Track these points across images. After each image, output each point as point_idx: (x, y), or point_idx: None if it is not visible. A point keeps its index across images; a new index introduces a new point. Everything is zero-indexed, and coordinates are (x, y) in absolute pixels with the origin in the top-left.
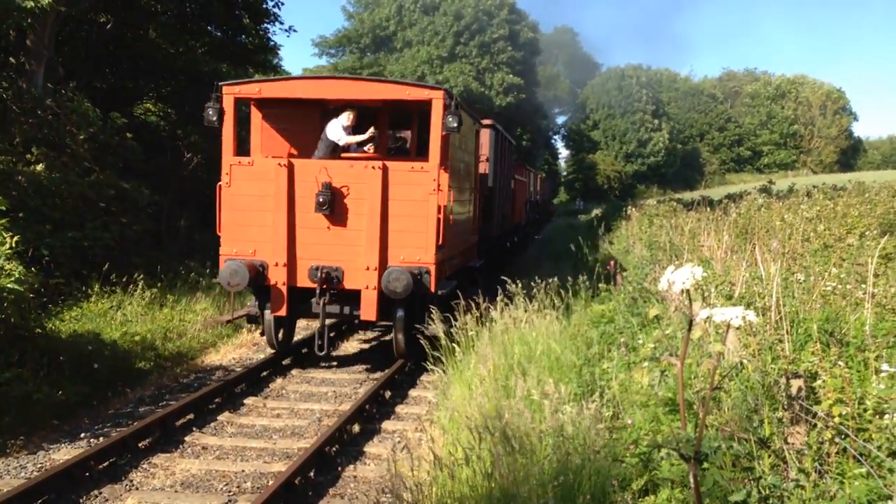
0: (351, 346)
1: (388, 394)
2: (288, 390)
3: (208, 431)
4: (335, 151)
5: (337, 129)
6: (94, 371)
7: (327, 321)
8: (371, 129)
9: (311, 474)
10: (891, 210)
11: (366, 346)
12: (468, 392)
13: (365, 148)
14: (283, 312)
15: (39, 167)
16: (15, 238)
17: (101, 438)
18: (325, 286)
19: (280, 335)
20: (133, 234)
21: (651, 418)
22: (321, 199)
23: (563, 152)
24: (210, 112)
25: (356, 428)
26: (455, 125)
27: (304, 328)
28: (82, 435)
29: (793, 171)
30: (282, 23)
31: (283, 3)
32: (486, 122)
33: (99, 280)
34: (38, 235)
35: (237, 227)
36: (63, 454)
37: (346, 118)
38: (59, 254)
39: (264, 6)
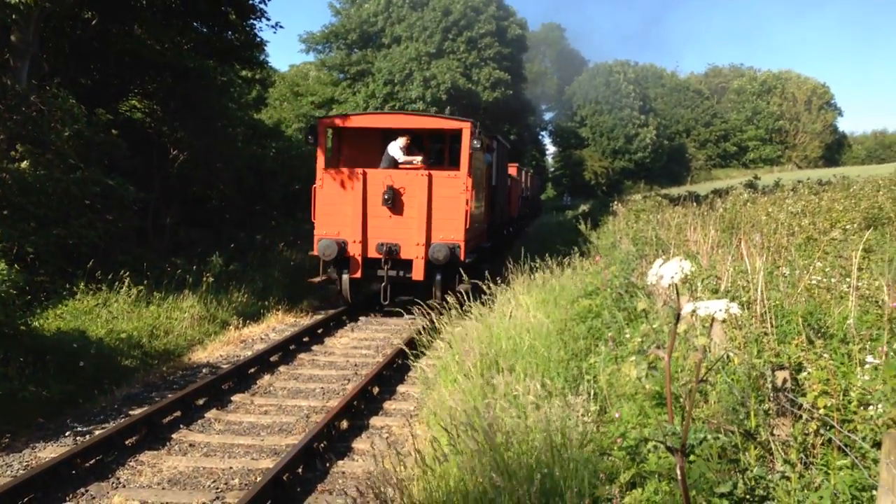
0: (340, 341)
1: (376, 390)
2: (276, 387)
3: (195, 429)
4: (395, 164)
5: (396, 150)
6: (80, 369)
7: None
8: (419, 158)
9: (299, 470)
10: (875, 204)
11: (356, 341)
12: (453, 388)
13: (414, 161)
14: (358, 275)
15: (24, 164)
16: None
17: (87, 436)
18: (387, 257)
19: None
20: (119, 231)
21: (638, 411)
22: (386, 197)
23: (551, 148)
24: (310, 137)
25: (344, 424)
26: (478, 146)
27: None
28: (68, 433)
29: (778, 166)
30: (268, 19)
31: None
32: (490, 134)
33: (84, 278)
34: (22, 233)
35: (326, 216)
36: (49, 452)
37: (402, 141)
38: (43, 251)
39: (250, 2)
